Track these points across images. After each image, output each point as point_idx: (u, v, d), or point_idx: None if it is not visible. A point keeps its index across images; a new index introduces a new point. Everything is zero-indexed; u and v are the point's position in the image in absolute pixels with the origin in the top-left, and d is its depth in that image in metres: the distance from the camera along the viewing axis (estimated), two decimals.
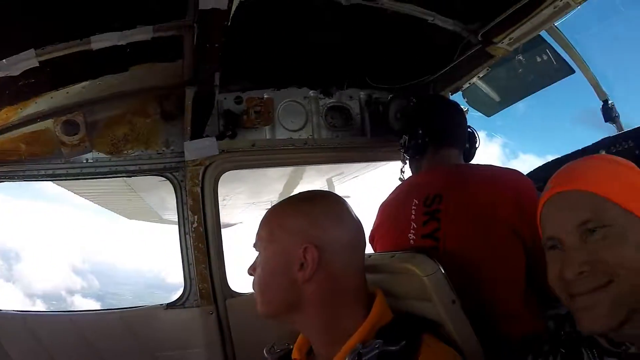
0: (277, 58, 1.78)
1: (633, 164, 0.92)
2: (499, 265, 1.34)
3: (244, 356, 1.69)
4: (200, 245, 1.66)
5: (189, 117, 1.62)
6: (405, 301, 1.15)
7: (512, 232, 1.36)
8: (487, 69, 2.12)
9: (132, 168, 1.69)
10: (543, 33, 2.00)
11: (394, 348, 0.92)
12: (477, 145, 1.77)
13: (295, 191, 3.89)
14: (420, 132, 1.63)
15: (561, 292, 0.87)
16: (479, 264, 1.30)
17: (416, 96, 2.08)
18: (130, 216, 4.73)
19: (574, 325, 0.91)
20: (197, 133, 1.66)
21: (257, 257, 1.06)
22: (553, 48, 2.29)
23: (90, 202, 3.36)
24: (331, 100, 2.03)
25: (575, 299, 0.84)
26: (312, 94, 1.99)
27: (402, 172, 1.86)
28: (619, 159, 0.93)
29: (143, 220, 5.07)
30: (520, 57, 2.33)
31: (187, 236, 1.68)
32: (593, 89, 2.38)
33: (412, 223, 1.50)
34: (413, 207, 1.52)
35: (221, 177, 1.77)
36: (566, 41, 2.16)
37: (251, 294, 1.72)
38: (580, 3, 1.58)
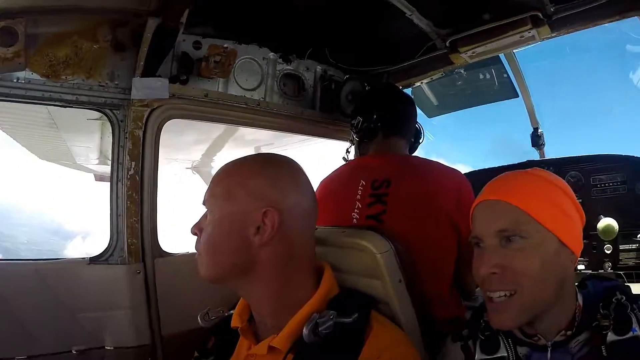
0: (246, 10, 1.67)
1: (563, 182, 1.02)
2: (436, 253, 1.45)
3: (170, 320, 1.57)
4: (134, 195, 1.48)
5: (144, 50, 1.43)
6: (351, 276, 1.16)
7: (450, 225, 1.48)
8: (442, 74, 2.27)
9: (68, 97, 1.44)
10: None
11: (348, 320, 0.92)
12: (420, 140, 1.88)
13: (220, 155, 3.74)
14: (375, 117, 1.69)
15: (481, 287, 0.99)
16: (417, 249, 1.35)
17: (371, 82, 2.19)
18: (42, 156, 4.14)
19: None
20: (149, 71, 1.48)
21: (203, 216, 1.00)
22: (503, 68, 2.48)
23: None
24: (288, 67, 1.99)
25: (489, 302, 0.97)
26: (271, 57, 1.92)
27: (347, 152, 1.97)
28: (550, 176, 1.03)
29: (55, 162, 4.48)
30: (462, 71, 2.52)
31: (120, 183, 1.49)
32: (528, 116, 2.61)
33: (357, 203, 1.56)
34: (360, 187, 1.57)
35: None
36: (517, 67, 2.34)
37: (181, 255, 1.65)
38: (543, 39, 1.77)
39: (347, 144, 2.04)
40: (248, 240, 0.95)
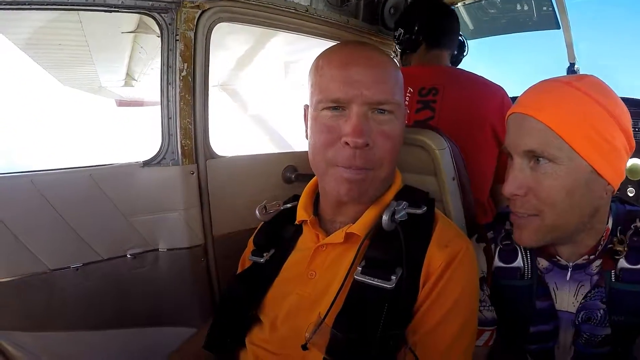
0: None
1: (611, 100, 0.88)
2: (478, 159, 1.51)
3: (221, 221, 1.62)
4: (187, 96, 1.47)
5: None
6: (406, 173, 1.19)
7: (492, 134, 1.54)
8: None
9: (113, 1, 1.38)
10: None
11: (419, 211, 0.97)
12: (464, 54, 1.90)
13: (247, 72, 3.71)
14: (416, 28, 1.71)
15: (507, 201, 0.98)
16: (463, 155, 1.39)
17: None
18: (66, 82, 4.03)
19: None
20: None
21: (375, 118, 0.92)
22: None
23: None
24: None
25: (513, 216, 0.96)
26: None
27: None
28: (596, 91, 0.88)
29: (77, 88, 4.32)
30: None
31: (170, 86, 1.48)
32: (567, 49, 2.54)
33: (406, 108, 1.59)
34: (407, 94, 1.62)
35: None
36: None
37: (231, 157, 1.66)
38: None
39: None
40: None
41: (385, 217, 0.90)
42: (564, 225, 0.91)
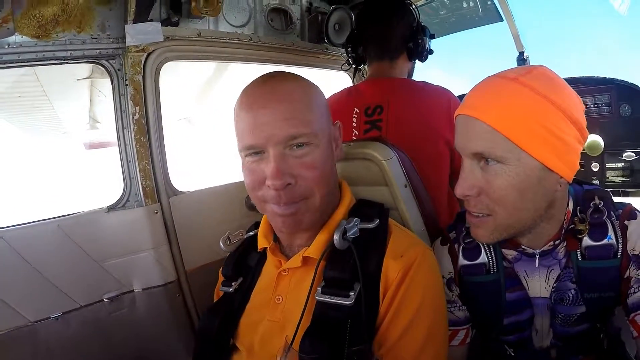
0: None
1: (560, 94, 0.86)
2: (431, 169, 1.51)
3: (191, 255, 1.65)
4: (142, 138, 1.51)
5: None
6: (360, 187, 1.22)
7: (443, 142, 1.55)
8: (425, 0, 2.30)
9: (62, 54, 1.41)
10: None
11: (371, 225, 0.99)
12: (423, 56, 1.78)
13: (208, 104, 3.66)
14: (360, 46, 1.75)
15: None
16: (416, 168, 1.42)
17: (356, 12, 2.09)
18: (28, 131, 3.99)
19: None
20: (141, 17, 1.46)
21: (293, 154, 0.91)
22: None
23: None
24: (274, 2, 1.96)
25: (468, 214, 0.98)
26: None
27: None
28: (543, 85, 0.85)
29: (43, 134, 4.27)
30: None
31: (126, 130, 1.52)
32: (513, 40, 2.63)
33: (354, 130, 1.62)
34: (354, 115, 1.62)
35: None
36: None
37: (193, 192, 1.70)
38: None
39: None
40: (334, 158, 1.02)
41: (336, 237, 0.92)
42: (518, 223, 0.92)
